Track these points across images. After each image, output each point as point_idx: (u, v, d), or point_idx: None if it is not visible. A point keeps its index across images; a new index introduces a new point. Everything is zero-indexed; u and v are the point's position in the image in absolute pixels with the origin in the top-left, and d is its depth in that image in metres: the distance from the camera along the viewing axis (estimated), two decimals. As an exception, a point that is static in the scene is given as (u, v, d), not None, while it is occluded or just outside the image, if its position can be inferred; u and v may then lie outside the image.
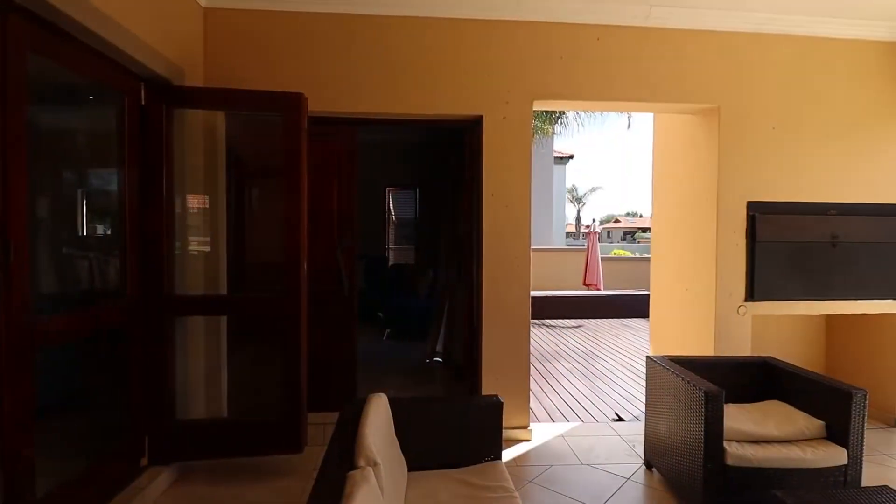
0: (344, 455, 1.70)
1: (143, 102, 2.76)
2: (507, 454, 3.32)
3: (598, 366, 5.86)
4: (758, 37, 3.65)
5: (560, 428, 3.82)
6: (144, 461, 2.84)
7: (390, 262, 8.90)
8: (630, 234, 41.50)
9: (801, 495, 2.00)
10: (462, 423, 2.39)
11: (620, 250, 19.57)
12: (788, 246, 3.66)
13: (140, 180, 2.77)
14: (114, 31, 2.33)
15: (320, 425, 3.25)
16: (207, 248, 3.36)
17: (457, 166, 4.55)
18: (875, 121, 3.77)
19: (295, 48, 3.40)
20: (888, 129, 3.78)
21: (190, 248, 3.33)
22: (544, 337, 7.61)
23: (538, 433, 3.66)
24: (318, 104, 3.28)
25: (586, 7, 3.48)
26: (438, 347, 5.23)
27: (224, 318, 3.31)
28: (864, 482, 2.57)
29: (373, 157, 7.71)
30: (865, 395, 2.51)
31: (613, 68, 3.59)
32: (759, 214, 3.63)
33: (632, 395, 4.72)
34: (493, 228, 3.56)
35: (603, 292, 9.72)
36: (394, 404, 2.22)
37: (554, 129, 12.42)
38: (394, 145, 8.15)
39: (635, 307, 9.01)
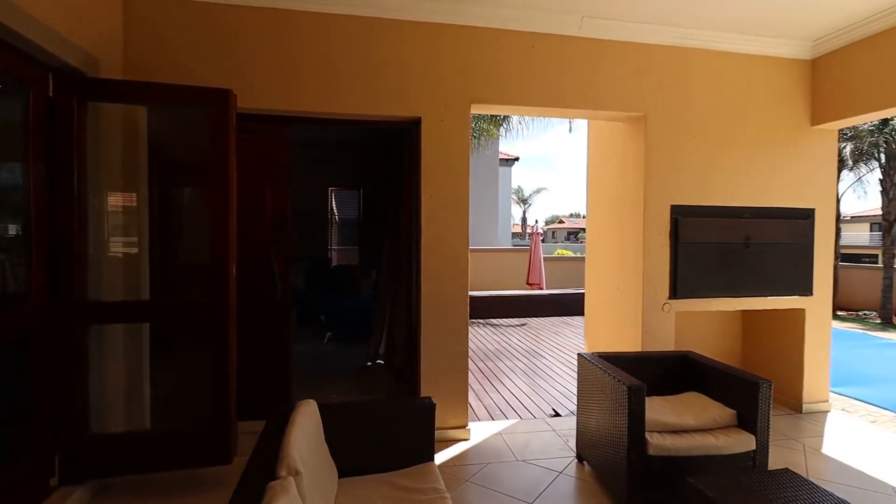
0: (266, 465, 1.65)
1: (50, 94, 2.56)
2: (445, 454, 3.34)
3: (539, 363, 6.01)
4: (680, 50, 3.88)
5: (498, 426, 3.88)
6: (54, 480, 2.63)
7: (333, 264, 8.74)
8: (574, 235, 42.99)
9: (711, 481, 2.14)
10: (395, 426, 2.38)
11: (563, 250, 20.24)
12: (707, 247, 3.92)
13: (47, 177, 2.56)
14: (11, 15, 2.14)
15: (252, 434, 3.11)
16: (129, 250, 3.17)
17: (399, 167, 4.53)
18: (784, 131, 4.09)
19: (224, 42, 3.26)
20: (795, 139, 4.11)
21: (110, 249, 3.13)
22: (488, 336, 7.73)
23: (477, 432, 3.70)
24: (249, 101, 3.18)
25: (522, 14, 3.56)
26: (381, 350, 5.19)
27: (147, 325, 3.13)
28: (771, 465, 2.79)
29: (315, 156, 7.56)
30: (771, 385, 2.72)
31: (547, 75, 3.69)
32: (682, 217, 3.86)
33: (570, 390, 4.88)
34: (432, 229, 3.57)
35: (545, 291, 10.00)
36: (324, 410, 2.18)
37: (499, 131, 12.67)
38: (336, 145, 8.01)
39: (577, 305, 9.29)
